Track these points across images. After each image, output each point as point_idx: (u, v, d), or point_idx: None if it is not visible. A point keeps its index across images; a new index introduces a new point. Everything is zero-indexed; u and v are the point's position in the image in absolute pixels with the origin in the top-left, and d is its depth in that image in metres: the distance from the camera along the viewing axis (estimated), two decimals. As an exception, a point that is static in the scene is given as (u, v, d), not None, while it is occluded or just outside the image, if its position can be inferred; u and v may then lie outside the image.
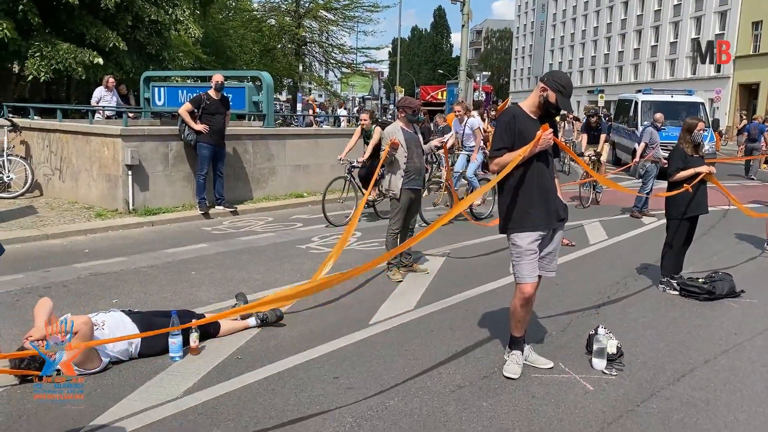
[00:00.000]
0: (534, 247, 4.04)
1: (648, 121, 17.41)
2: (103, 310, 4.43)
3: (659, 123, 11.03)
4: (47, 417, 3.43)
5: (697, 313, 5.62)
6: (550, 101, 3.99)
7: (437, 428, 3.44)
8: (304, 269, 6.63)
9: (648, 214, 10.63)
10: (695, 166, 6.11)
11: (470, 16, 15.77)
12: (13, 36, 14.16)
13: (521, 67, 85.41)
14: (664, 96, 19.98)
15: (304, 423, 3.45)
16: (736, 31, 42.79)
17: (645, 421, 3.59)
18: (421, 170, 6.45)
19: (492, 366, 4.30)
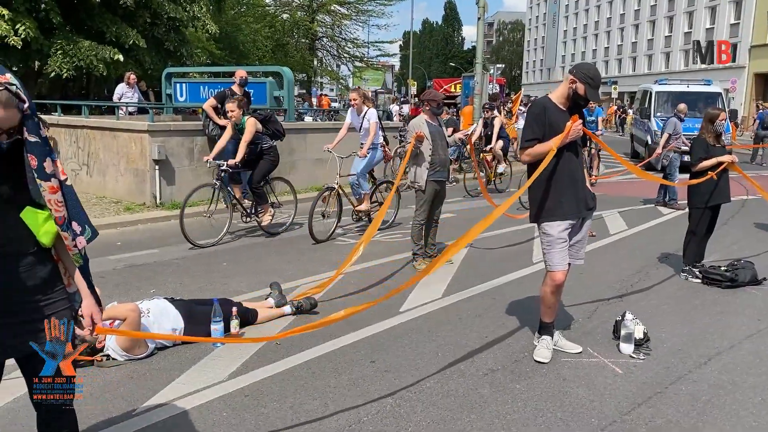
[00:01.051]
0: (564, 235, 4.17)
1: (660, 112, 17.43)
2: (147, 298, 4.61)
3: (682, 114, 11.04)
4: (102, 398, 3.61)
5: (719, 300, 5.72)
6: (579, 93, 4.10)
7: (474, 408, 3.58)
8: (332, 260, 6.79)
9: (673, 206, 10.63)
10: (717, 155, 6.19)
11: (486, 9, 15.82)
12: (35, 35, 14.41)
13: (533, 59, 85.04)
14: (680, 86, 19.20)
15: (347, 403, 3.60)
16: (751, 21, 42.40)
17: (674, 402, 3.71)
18: (445, 162, 6.58)
19: (522, 351, 4.44)
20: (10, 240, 2.11)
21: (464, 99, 20.12)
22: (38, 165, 2.07)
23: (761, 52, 41.04)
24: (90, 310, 2.31)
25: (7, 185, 2.10)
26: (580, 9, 70.18)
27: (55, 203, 2.12)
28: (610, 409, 3.60)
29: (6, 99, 1.97)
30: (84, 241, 2.25)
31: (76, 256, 2.24)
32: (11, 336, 2.14)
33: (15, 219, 2.11)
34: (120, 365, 4.06)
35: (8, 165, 2.08)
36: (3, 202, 2.10)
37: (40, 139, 2.08)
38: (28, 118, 2.05)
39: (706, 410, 3.61)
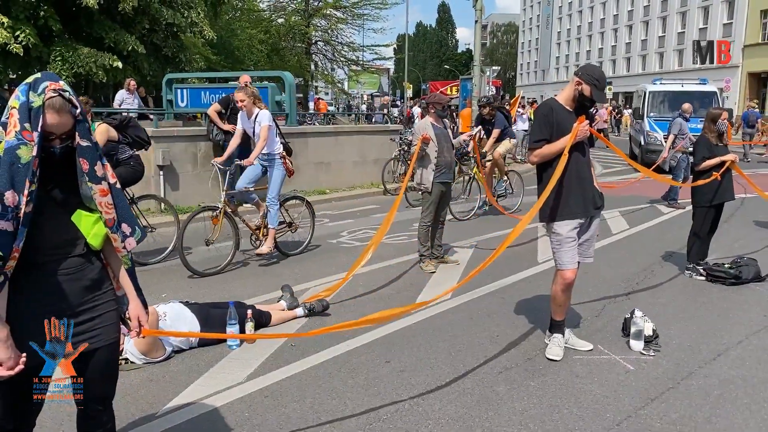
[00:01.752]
0: (573, 234, 4.24)
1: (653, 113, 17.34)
2: (162, 302, 4.66)
3: (687, 114, 11.07)
4: (123, 401, 3.64)
5: (724, 297, 5.80)
6: (585, 94, 4.18)
7: (491, 405, 3.64)
8: (339, 262, 6.84)
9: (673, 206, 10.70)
10: (720, 154, 6.28)
11: (483, 11, 15.92)
12: (35, 42, 14.45)
13: (527, 60, 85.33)
14: (674, 86, 18.69)
15: (366, 403, 3.66)
16: (744, 20, 42.64)
17: (686, 397, 3.78)
18: (451, 164, 6.66)
19: (534, 349, 4.50)
20: (63, 242, 2.17)
21: (462, 102, 20.19)
22: (89, 168, 2.14)
23: (754, 51, 41.26)
24: (137, 312, 2.38)
25: (59, 189, 2.16)
26: (574, 10, 70.47)
27: (105, 206, 2.19)
28: (624, 405, 3.67)
29: (60, 105, 2.04)
30: (134, 242, 2.31)
31: (125, 258, 2.31)
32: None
33: (67, 222, 2.17)
34: (139, 368, 4.10)
35: (61, 169, 2.15)
36: (55, 206, 2.16)
37: (91, 144, 2.15)
38: (80, 123, 2.12)
39: (718, 404, 3.68)
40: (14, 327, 2.08)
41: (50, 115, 2.04)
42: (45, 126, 2.04)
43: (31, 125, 2.02)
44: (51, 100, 2.03)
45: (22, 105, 2.03)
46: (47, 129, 2.05)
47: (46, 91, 2.03)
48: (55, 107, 2.04)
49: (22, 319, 2.12)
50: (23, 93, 2.04)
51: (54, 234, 2.15)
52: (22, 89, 2.05)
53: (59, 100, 2.04)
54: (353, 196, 11.63)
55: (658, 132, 16.30)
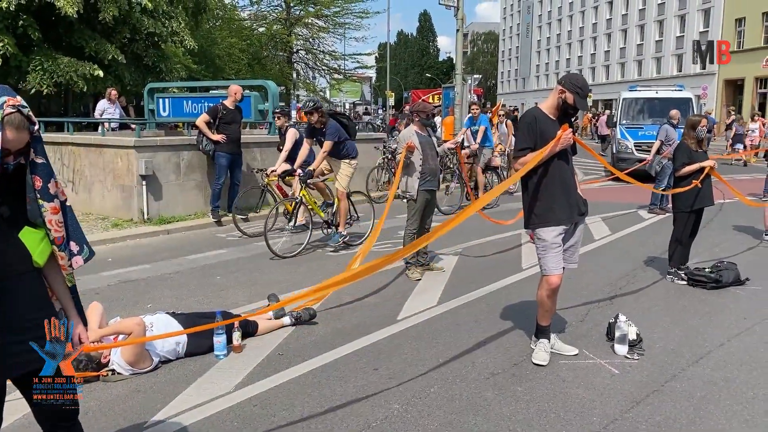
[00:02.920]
0: (559, 240, 4.29)
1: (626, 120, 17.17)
2: (149, 312, 4.64)
3: (675, 120, 11.18)
4: (111, 413, 3.63)
5: (706, 301, 5.89)
6: (569, 102, 4.25)
7: (479, 411, 3.67)
8: (325, 270, 6.85)
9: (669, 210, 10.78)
10: (700, 160, 6.39)
11: (465, 20, 16.06)
12: (14, 51, 14.32)
13: (508, 69, 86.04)
14: (648, 92, 18.01)
15: (355, 410, 3.67)
16: (720, 28, 43.42)
17: (671, 399, 3.83)
18: (435, 172, 6.70)
19: (521, 354, 4.54)
20: (12, 260, 2.14)
21: (445, 110, 20.31)
22: (42, 186, 2.12)
23: (730, 59, 41.98)
24: (78, 330, 2.34)
25: (8, 205, 2.13)
26: (553, 19, 71.25)
27: (56, 224, 2.17)
28: (610, 408, 3.71)
29: (19, 121, 2.01)
30: (81, 260, 2.29)
31: (69, 276, 2.28)
32: (12, 355, 2.15)
33: (15, 239, 2.14)
34: (125, 380, 4.08)
35: (11, 186, 2.12)
36: (3, 222, 2.13)
37: (45, 161, 2.14)
38: (37, 140, 2.10)
39: (701, 406, 3.74)
40: None
41: (9, 132, 2.01)
42: (3, 142, 2.00)
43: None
44: (9, 116, 2.00)
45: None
46: (4, 145, 2.01)
47: (4, 107, 2.00)
48: (13, 123, 2.01)
49: None
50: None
51: (5, 252, 2.12)
52: None
53: (18, 116, 2.01)
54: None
55: (628, 140, 16.06)
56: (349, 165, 7.92)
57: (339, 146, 7.78)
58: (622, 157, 15.65)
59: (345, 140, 7.86)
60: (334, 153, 7.79)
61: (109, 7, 14.74)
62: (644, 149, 15.14)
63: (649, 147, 14.62)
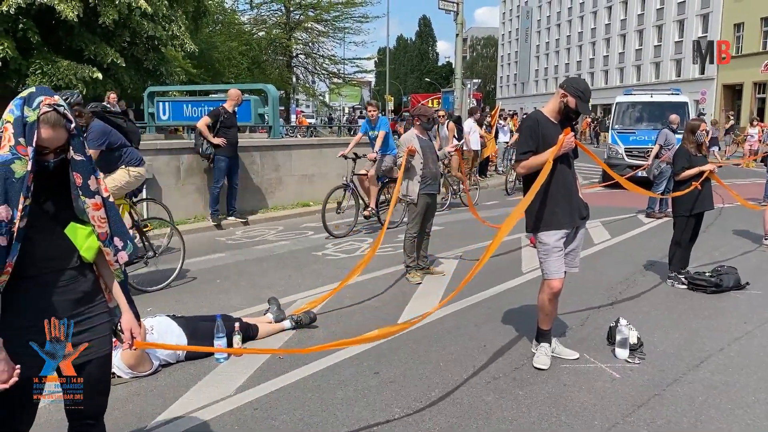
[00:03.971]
0: (560, 244, 4.29)
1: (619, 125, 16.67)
2: (149, 315, 4.63)
3: (674, 125, 11.19)
4: (111, 416, 3.60)
5: (706, 305, 5.89)
6: (571, 106, 4.25)
7: (480, 415, 3.66)
8: (325, 275, 6.85)
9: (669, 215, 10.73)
10: (699, 164, 6.40)
11: (464, 25, 16.10)
12: (14, 55, 14.33)
13: (507, 73, 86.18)
14: (643, 96, 17.55)
15: (356, 414, 3.66)
16: (718, 33, 43.53)
17: (672, 403, 3.83)
18: (436, 175, 6.70)
19: (521, 358, 4.53)
20: (56, 255, 2.17)
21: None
22: (83, 182, 2.15)
23: (729, 63, 42.07)
24: (129, 325, 2.39)
25: (52, 202, 2.17)
26: (552, 24, 71.44)
27: (98, 219, 2.20)
28: (611, 412, 3.71)
29: (55, 119, 2.06)
30: (126, 255, 2.32)
31: (117, 271, 2.31)
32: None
33: (60, 235, 2.17)
34: (125, 383, 4.07)
35: (54, 183, 2.16)
36: (48, 219, 2.17)
37: (84, 158, 2.16)
38: (74, 138, 2.13)
39: (702, 410, 3.74)
40: (8, 339, 2.07)
41: (45, 130, 2.05)
42: (39, 141, 2.05)
43: (25, 140, 2.03)
44: (46, 115, 2.05)
45: (17, 119, 2.04)
46: (41, 144, 2.06)
47: (40, 106, 2.04)
48: (49, 122, 2.05)
49: (15, 331, 2.11)
50: (18, 107, 2.05)
51: (47, 247, 2.16)
52: (17, 104, 2.06)
53: (54, 114, 2.06)
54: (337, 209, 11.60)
55: (619, 145, 15.72)
56: (125, 171, 6.24)
57: (111, 155, 6.09)
58: (613, 162, 15.02)
59: (120, 147, 6.19)
60: (104, 165, 5.96)
61: (109, 11, 14.75)
62: (635, 155, 14.99)
63: (640, 152, 14.60)
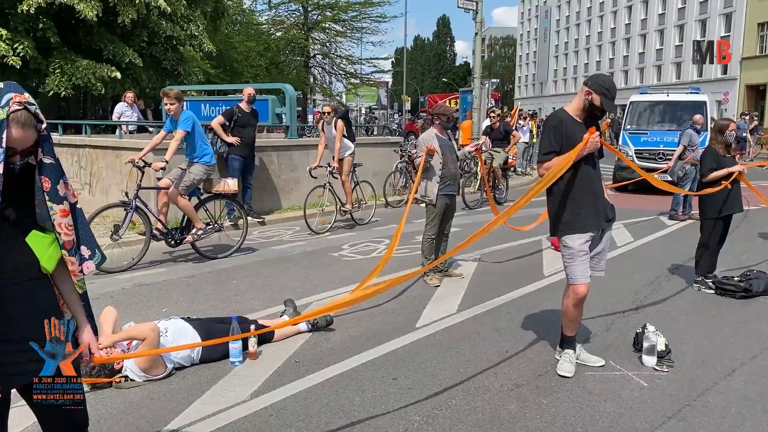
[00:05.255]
0: (585, 248, 4.14)
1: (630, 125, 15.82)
2: (163, 317, 4.55)
3: (698, 125, 10.92)
4: (123, 421, 3.53)
5: (735, 311, 5.70)
6: (595, 104, 4.10)
7: (503, 425, 3.53)
8: (341, 276, 6.74)
9: (693, 218, 10.45)
10: (728, 165, 6.20)
11: (483, 24, 15.93)
12: (33, 54, 14.43)
13: (525, 73, 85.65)
14: (658, 95, 16.67)
15: (373, 422, 3.54)
16: (742, 33, 42.91)
17: (704, 414, 3.66)
18: (456, 176, 6.57)
19: (545, 365, 4.39)
20: (17, 265, 2.03)
21: (462, 114, 20.16)
22: (51, 187, 2.01)
23: (752, 63, 41.48)
24: (88, 339, 2.23)
25: (14, 208, 2.02)
26: (571, 24, 70.85)
27: (65, 227, 2.06)
28: (641, 423, 3.55)
29: (25, 119, 1.91)
30: (93, 265, 2.19)
31: (80, 282, 2.17)
32: (14, 364, 2.05)
33: (21, 243, 2.03)
34: (139, 386, 3.98)
35: (17, 187, 2.00)
36: (9, 226, 2.02)
37: (54, 161, 2.03)
38: (45, 139, 2.00)
39: (737, 423, 3.57)
40: None
41: (14, 130, 1.90)
42: (8, 141, 1.90)
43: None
44: (15, 114, 1.90)
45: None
46: (10, 144, 1.91)
47: (10, 104, 1.90)
48: (19, 121, 1.90)
49: None
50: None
51: (7, 256, 2.01)
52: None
53: (24, 113, 1.91)
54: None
55: (629, 146, 14.97)
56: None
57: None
58: (622, 165, 13.96)
59: None
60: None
61: (128, 11, 14.81)
62: (646, 157, 14.38)
63: (651, 155, 14.14)
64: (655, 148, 14.09)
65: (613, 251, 8.16)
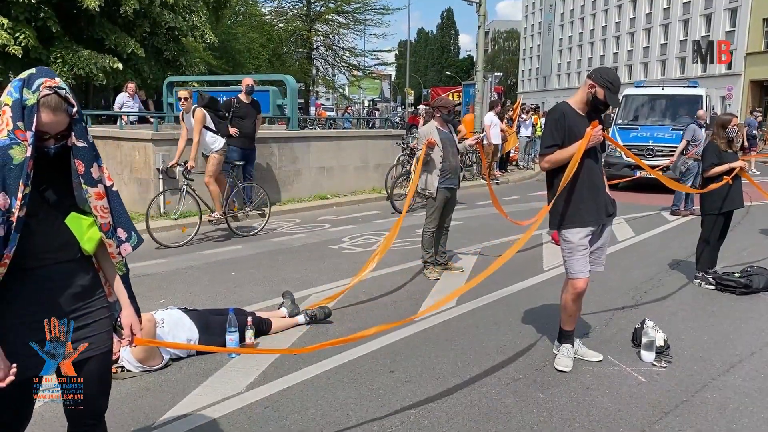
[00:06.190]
0: (585, 242, 4.11)
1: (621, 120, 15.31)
2: (161, 308, 4.54)
3: (702, 120, 10.85)
4: (119, 411, 3.52)
5: (735, 307, 5.67)
6: (599, 97, 4.06)
7: (499, 419, 3.51)
8: (341, 269, 6.73)
9: (695, 213, 10.38)
10: (729, 161, 6.16)
11: (486, 17, 15.86)
12: (34, 44, 14.36)
13: (529, 67, 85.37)
14: (653, 89, 16.01)
15: (370, 414, 3.53)
16: (746, 28, 42.70)
17: (702, 410, 3.65)
18: (456, 169, 6.54)
19: (542, 359, 4.37)
20: (56, 247, 2.06)
21: (465, 107, 20.10)
22: (85, 170, 2.04)
23: (756, 59, 41.29)
24: (129, 321, 2.27)
25: (53, 191, 2.05)
26: (576, 18, 70.54)
27: (101, 209, 2.08)
28: (637, 419, 3.54)
29: (56, 103, 1.94)
30: (129, 248, 2.21)
31: (119, 264, 2.20)
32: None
33: (60, 225, 2.06)
34: (135, 377, 3.98)
35: (55, 170, 2.04)
36: (48, 208, 2.05)
37: (87, 144, 2.05)
38: (77, 123, 2.01)
39: (735, 419, 3.55)
40: (4, 336, 1.97)
41: (45, 114, 1.93)
42: (39, 125, 1.93)
43: (24, 124, 1.91)
44: (46, 98, 1.92)
45: (15, 102, 1.92)
46: (41, 128, 1.94)
47: (41, 89, 1.92)
48: (50, 106, 1.93)
49: (11, 327, 2.00)
50: (17, 90, 1.93)
51: (46, 238, 2.04)
52: (16, 85, 1.94)
53: (55, 98, 1.93)
54: (355, 202, 11.52)
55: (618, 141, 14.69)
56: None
57: None
58: (610, 161, 13.58)
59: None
60: None
61: (129, 1, 14.74)
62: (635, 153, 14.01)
63: (639, 151, 13.73)
64: (644, 143, 13.64)
65: (614, 246, 8.14)
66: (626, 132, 14.52)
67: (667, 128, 13.96)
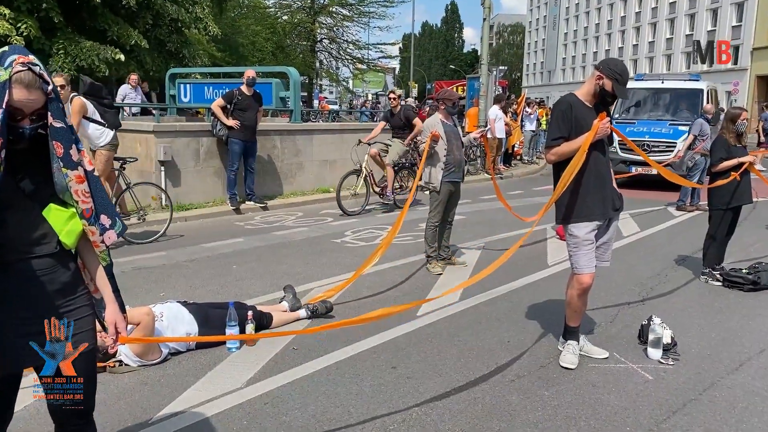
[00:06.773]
0: (591, 237, 4.03)
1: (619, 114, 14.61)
2: (159, 301, 4.48)
3: (709, 114, 10.74)
4: (116, 406, 3.47)
5: (743, 304, 5.59)
6: (607, 89, 3.97)
7: (503, 417, 3.44)
8: (343, 263, 6.66)
9: (701, 208, 10.29)
10: (738, 155, 6.06)
11: (492, 9, 15.72)
12: (37, 35, 14.28)
13: (533, 61, 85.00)
14: (652, 82, 15.34)
15: (371, 411, 3.46)
16: (753, 23, 42.40)
17: (710, 409, 3.57)
18: (460, 163, 6.45)
19: (547, 356, 4.30)
20: (32, 241, 1.95)
21: (469, 101, 19.96)
22: (64, 152, 1.92)
23: (763, 54, 41.02)
24: (114, 318, 2.16)
25: (29, 180, 1.94)
26: (581, 12, 70.16)
27: (82, 194, 1.97)
28: (644, 417, 3.46)
29: (30, 79, 1.83)
30: (114, 235, 2.10)
31: (103, 253, 2.09)
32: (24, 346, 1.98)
33: (37, 217, 1.95)
34: (133, 371, 3.91)
35: (31, 155, 1.93)
36: (25, 198, 1.94)
37: (65, 125, 1.93)
38: (53, 102, 1.90)
39: (744, 418, 3.48)
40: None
41: (18, 91, 1.82)
42: (12, 102, 1.82)
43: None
44: (19, 74, 1.82)
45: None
46: (15, 105, 1.83)
47: (13, 65, 1.82)
48: (23, 82, 1.82)
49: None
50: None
51: (23, 230, 1.93)
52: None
53: (29, 74, 1.83)
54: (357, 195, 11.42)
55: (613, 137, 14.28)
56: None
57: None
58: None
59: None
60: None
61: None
62: (628, 148, 12.93)
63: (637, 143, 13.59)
64: (640, 138, 13.18)
65: (620, 241, 8.05)
66: (623, 127, 13.98)
67: (664, 123, 13.72)
